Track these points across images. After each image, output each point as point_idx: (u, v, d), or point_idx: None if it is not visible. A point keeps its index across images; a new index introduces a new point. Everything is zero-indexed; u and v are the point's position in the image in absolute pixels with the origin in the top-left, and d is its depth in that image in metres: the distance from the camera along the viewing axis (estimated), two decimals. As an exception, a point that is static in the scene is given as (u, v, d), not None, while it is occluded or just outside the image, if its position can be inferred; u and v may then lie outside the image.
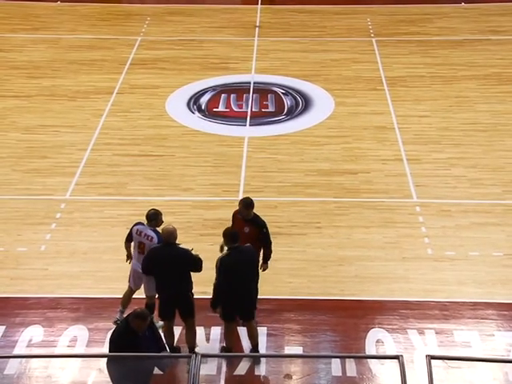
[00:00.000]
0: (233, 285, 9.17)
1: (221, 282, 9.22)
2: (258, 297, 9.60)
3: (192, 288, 9.35)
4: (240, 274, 9.16)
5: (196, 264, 9.25)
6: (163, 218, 9.84)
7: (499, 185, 13.45)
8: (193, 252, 9.27)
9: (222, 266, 9.16)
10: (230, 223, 10.08)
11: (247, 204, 9.89)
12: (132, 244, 9.90)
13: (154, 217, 9.75)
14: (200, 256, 9.26)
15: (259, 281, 9.56)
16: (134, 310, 8.36)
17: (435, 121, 15.63)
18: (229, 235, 9.31)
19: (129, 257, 10.00)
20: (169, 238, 9.27)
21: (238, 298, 9.27)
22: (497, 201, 13.01)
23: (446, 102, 16.38)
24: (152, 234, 9.65)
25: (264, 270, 9.97)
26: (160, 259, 9.17)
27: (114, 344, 8.28)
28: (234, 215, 10.14)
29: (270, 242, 10.03)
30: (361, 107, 16.21)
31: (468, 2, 21.84)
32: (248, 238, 9.75)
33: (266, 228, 9.96)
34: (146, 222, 9.78)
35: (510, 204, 12.90)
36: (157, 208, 9.99)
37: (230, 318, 9.51)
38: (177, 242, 9.34)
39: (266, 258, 10.04)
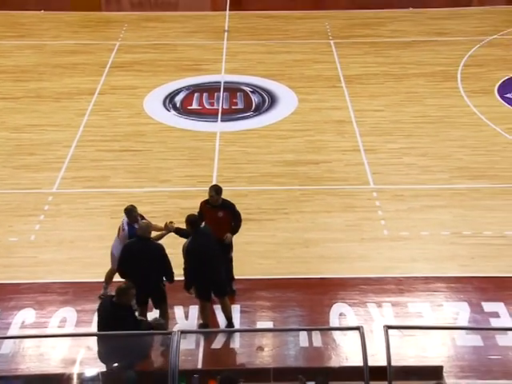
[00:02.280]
0: (202, 267, 9.16)
1: (191, 266, 9.19)
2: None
3: (170, 278, 9.27)
4: (206, 255, 9.15)
5: (167, 266, 9.21)
6: (146, 208, 9.80)
7: (446, 171, 13.55)
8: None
9: (189, 252, 9.14)
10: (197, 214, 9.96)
11: (218, 190, 9.87)
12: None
13: (128, 213, 9.78)
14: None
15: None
16: (118, 287, 8.33)
17: (388, 114, 15.69)
18: (191, 221, 9.27)
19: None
20: (144, 232, 9.19)
21: (209, 278, 9.27)
22: (444, 185, 13.11)
23: (397, 97, 16.44)
24: (125, 226, 9.71)
25: (228, 239, 9.91)
26: (134, 253, 9.07)
27: (100, 317, 8.35)
28: (203, 206, 10.00)
29: (241, 219, 10.04)
30: (322, 103, 16.22)
31: (415, 7, 21.91)
32: (222, 221, 9.78)
33: (235, 207, 10.01)
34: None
35: (456, 188, 13.01)
36: (138, 200, 9.98)
37: (205, 297, 9.50)
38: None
39: (235, 230, 10.02)
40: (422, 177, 13.38)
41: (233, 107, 16.26)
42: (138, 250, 9.10)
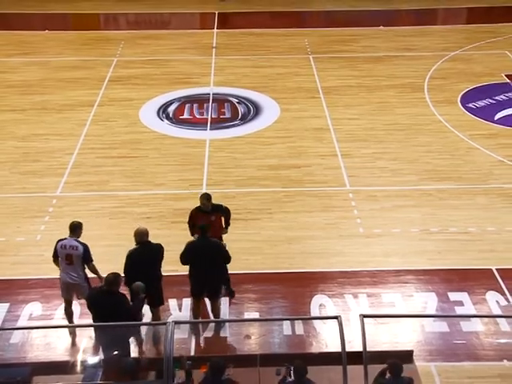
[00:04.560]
0: (198, 267, 9.10)
1: (188, 264, 9.17)
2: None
3: (161, 278, 9.16)
4: (203, 256, 9.05)
5: (162, 255, 9.10)
6: (142, 209, 9.65)
7: (415, 174, 13.59)
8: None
9: (188, 250, 9.09)
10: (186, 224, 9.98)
11: (209, 197, 9.83)
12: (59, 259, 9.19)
13: (75, 228, 9.19)
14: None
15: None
16: (107, 277, 8.28)
17: (362, 122, 15.71)
18: (201, 229, 9.20)
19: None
20: (142, 237, 9.01)
21: (203, 279, 9.18)
22: (413, 187, 13.15)
23: (370, 106, 16.48)
24: (75, 243, 9.07)
25: (224, 233, 9.99)
26: (139, 258, 8.88)
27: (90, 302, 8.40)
28: (195, 214, 9.90)
29: (229, 211, 10.07)
30: (302, 112, 16.23)
31: (385, 25, 22.00)
32: (215, 223, 9.74)
33: (222, 205, 10.04)
34: (69, 234, 9.21)
35: (424, 189, 13.06)
36: (135, 201, 9.85)
37: (197, 295, 9.40)
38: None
39: (227, 223, 10.07)
40: (394, 179, 13.41)
41: (221, 116, 16.22)
42: (144, 255, 8.95)
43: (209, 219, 9.73)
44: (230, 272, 9.82)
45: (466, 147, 14.55)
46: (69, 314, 9.37)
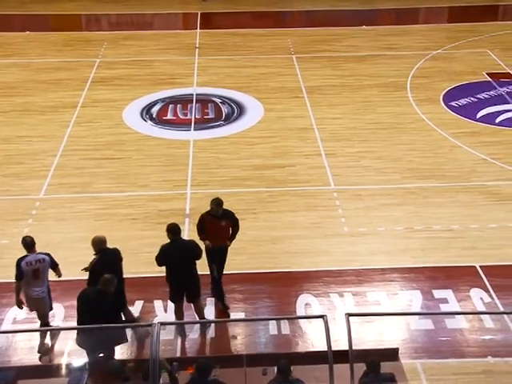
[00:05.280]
0: (175, 270, 9.06)
1: (164, 266, 9.11)
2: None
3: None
4: (179, 259, 9.00)
5: (121, 258, 9.04)
6: (127, 211, 9.58)
7: (399, 172, 13.64)
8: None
9: (164, 253, 9.00)
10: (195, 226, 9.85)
11: (218, 203, 9.63)
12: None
13: (32, 244, 9.01)
14: None
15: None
16: (102, 277, 8.29)
17: (346, 122, 15.76)
18: (170, 229, 9.08)
19: (21, 303, 9.00)
20: (101, 244, 8.95)
21: (180, 282, 9.15)
22: (397, 185, 13.20)
23: (354, 106, 16.53)
24: (41, 256, 8.98)
25: (228, 245, 9.86)
26: (104, 264, 8.79)
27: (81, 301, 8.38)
28: (205, 217, 9.71)
29: (239, 225, 9.91)
30: (286, 112, 16.23)
31: (368, 24, 22.09)
32: (225, 229, 9.67)
33: (235, 214, 9.86)
34: (27, 250, 8.99)
35: (408, 187, 13.12)
36: (120, 203, 9.78)
37: (176, 298, 9.34)
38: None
39: (234, 237, 9.89)
40: (378, 178, 13.45)
41: (205, 117, 16.18)
42: (108, 260, 8.89)
43: (218, 224, 9.61)
44: (215, 272, 9.80)
45: (449, 145, 14.64)
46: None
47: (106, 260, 8.90)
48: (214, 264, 9.77)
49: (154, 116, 16.20)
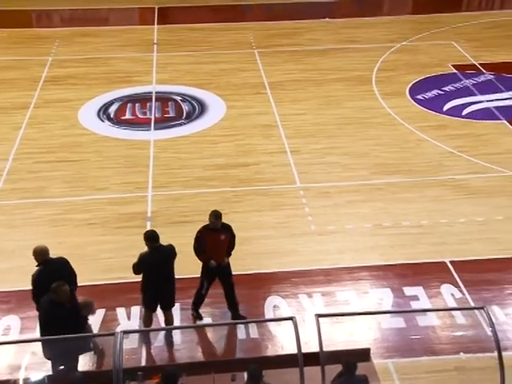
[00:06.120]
0: (151, 278, 8.95)
1: (141, 274, 8.96)
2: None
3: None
4: (157, 268, 8.92)
5: (72, 271, 8.79)
6: (85, 215, 9.37)
7: (365, 168, 13.77)
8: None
9: (142, 261, 8.89)
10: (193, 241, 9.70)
11: (217, 215, 9.50)
12: None
13: None
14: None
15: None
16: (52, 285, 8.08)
17: (310, 117, 15.85)
18: (148, 237, 8.98)
19: None
20: (44, 255, 8.68)
21: (156, 290, 9.08)
22: (364, 181, 13.32)
23: (318, 101, 16.62)
24: None
25: (227, 262, 9.70)
26: (47, 277, 8.44)
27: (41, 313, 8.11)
28: (203, 231, 9.52)
29: (235, 241, 9.77)
30: (249, 109, 16.25)
31: (330, 17, 22.26)
32: (224, 243, 9.55)
33: (232, 228, 9.72)
34: None
35: (375, 183, 13.25)
36: (77, 208, 9.63)
37: (151, 307, 9.25)
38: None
39: (231, 252, 9.76)
40: (344, 174, 13.55)
41: (165, 116, 16.10)
42: (51, 273, 8.50)
43: (218, 238, 9.48)
44: (181, 276, 9.67)
45: (416, 139, 14.84)
46: None
47: (50, 271, 8.56)
48: (206, 282, 9.63)
49: (111, 116, 16.05)
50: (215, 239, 9.48)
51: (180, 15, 23.11)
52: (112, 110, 16.33)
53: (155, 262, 8.92)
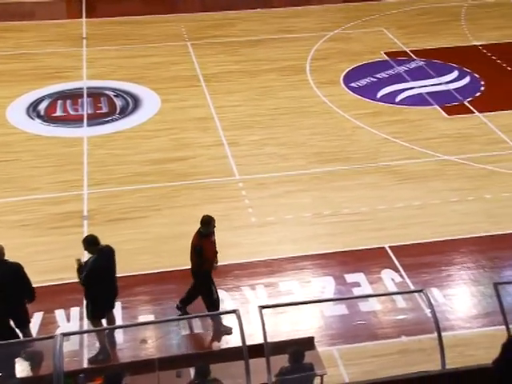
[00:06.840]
0: (101, 285, 8.79)
1: (90, 283, 8.71)
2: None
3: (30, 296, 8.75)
4: (106, 274, 8.82)
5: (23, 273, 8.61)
6: (19, 217, 9.17)
7: (303, 158, 13.91)
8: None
9: (92, 269, 8.66)
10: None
11: (210, 220, 9.39)
12: None
13: None
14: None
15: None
16: None
17: (246, 109, 15.88)
18: (89, 240, 8.81)
19: None
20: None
21: (109, 295, 8.99)
22: (303, 171, 13.45)
23: (253, 92, 16.67)
24: None
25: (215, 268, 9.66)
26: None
27: None
28: (203, 244, 9.30)
29: None
30: (183, 102, 16.16)
31: (263, 7, 22.33)
32: (214, 243, 9.53)
33: None
34: None
35: (314, 172, 13.40)
36: (9, 209, 9.38)
37: (101, 315, 9.07)
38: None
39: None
40: (282, 164, 13.66)
41: (97, 112, 15.84)
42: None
43: (212, 241, 9.44)
44: (122, 274, 9.53)
45: (352, 127, 15.08)
46: None
47: (5, 274, 8.39)
48: (213, 285, 9.56)
49: (41, 113, 15.68)
50: (211, 243, 9.47)
51: (108, 8, 22.71)
52: (42, 107, 15.96)
53: (104, 265, 8.80)
